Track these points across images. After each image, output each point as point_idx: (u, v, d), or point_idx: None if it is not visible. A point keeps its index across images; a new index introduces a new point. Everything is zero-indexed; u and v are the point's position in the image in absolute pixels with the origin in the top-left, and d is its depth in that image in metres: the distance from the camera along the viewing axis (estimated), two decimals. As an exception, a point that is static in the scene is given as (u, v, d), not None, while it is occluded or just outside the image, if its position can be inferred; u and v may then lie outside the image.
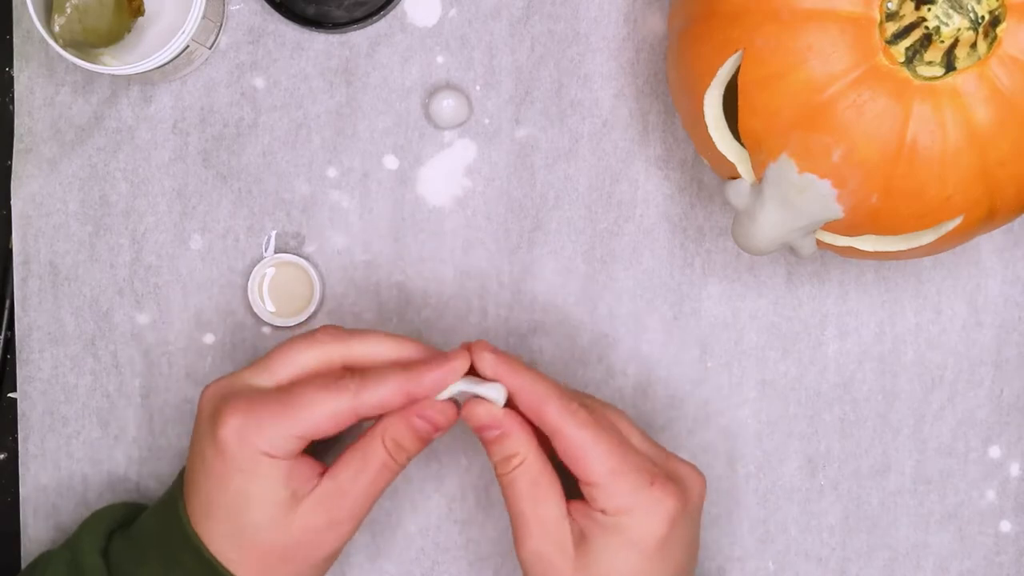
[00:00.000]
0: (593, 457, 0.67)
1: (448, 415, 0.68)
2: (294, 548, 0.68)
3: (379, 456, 0.68)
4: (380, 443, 0.68)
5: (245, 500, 0.67)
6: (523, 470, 0.68)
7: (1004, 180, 0.66)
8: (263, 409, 0.67)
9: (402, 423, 0.68)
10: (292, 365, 0.69)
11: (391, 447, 0.68)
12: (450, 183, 0.80)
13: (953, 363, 0.80)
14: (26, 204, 0.79)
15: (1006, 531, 0.80)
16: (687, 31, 0.69)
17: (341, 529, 0.69)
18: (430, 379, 0.68)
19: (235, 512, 0.68)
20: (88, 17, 0.72)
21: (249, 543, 0.68)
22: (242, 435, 0.67)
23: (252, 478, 0.67)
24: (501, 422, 0.68)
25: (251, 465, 0.67)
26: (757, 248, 0.68)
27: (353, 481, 0.68)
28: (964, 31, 0.63)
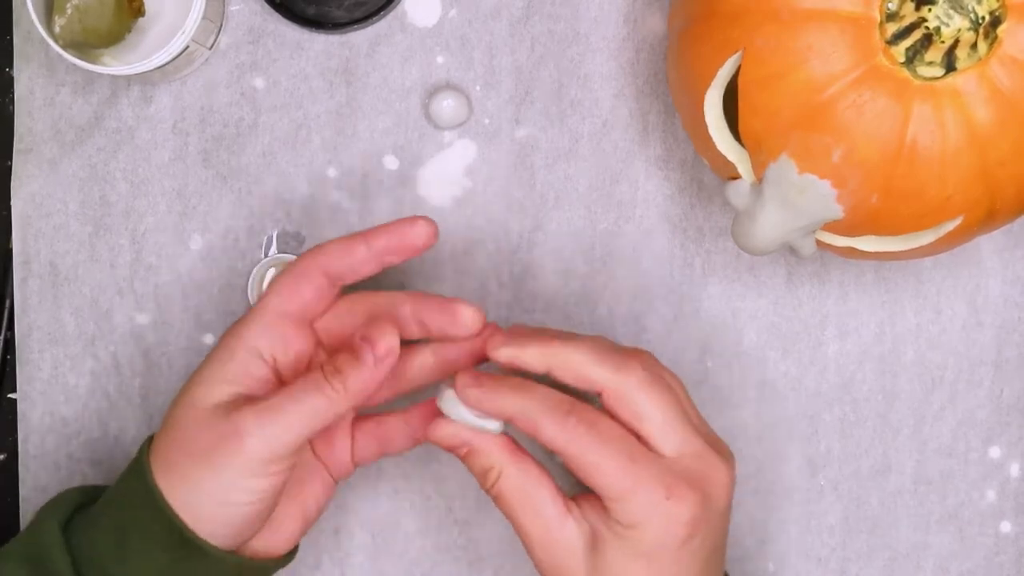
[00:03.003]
0: (601, 476, 0.63)
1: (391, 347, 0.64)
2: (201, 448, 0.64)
3: (314, 375, 0.64)
4: (319, 366, 0.65)
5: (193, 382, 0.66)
6: (504, 482, 0.66)
7: (1004, 180, 0.66)
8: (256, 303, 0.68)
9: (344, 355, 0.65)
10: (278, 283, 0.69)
11: (328, 368, 0.64)
12: (450, 183, 0.80)
13: (953, 363, 0.80)
14: (26, 204, 0.79)
15: (1006, 531, 0.80)
16: (687, 31, 0.69)
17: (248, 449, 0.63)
18: (383, 228, 0.67)
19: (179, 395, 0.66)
20: (88, 17, 0.72)
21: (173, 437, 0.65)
22: (230, 329, 0.67)
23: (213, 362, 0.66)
24: (466, 440, 0.66)
25: (221, 351, 0.66)
26: (757, 248, 0.68)
27: (279, 393, 0.64)
28: (964, 31, 0.63)
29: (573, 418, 0.64)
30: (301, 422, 0.64)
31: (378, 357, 0.64)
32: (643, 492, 0.63)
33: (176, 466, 0.65)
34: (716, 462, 0.66)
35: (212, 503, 0.64)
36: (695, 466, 0.65)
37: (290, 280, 0.67)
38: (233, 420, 0.64)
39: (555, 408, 0.64)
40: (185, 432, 0.65)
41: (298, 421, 0.64)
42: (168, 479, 0.65)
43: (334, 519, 0.80)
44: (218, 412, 0.65)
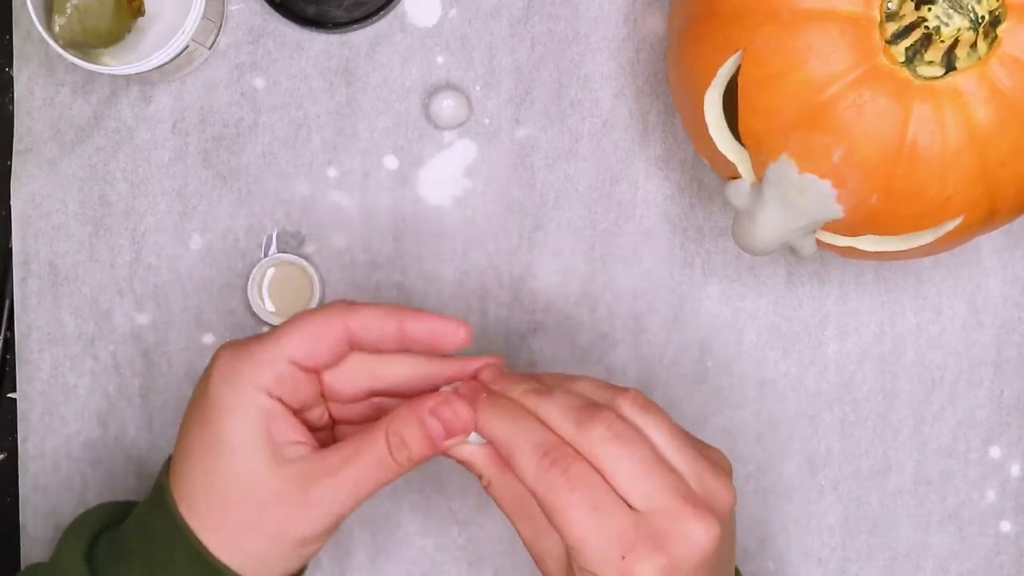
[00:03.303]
0: (562, 521, 0.60)
1: (462, 418, 0.63)
2: (260, 514, 0.63)
3: (377, 446, 0.63)
4: (382, 433, 0.63)
5: (220, 439, 0.63)
6: (494, 489, 0.65)
7: (1004, 180, 0.66)
8: (253, 341, 0.64)
9: (412, 417, 0.63)
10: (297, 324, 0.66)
11: (393, 440, 0.63)
12: (450, 183, 0.80)
13: (953, 363, 0.80)
14: (26, 204, 0.79)
15: (1006, 531, 0.80)
16: (687, 31, 0.69)
17: (314, 514, 0.63)
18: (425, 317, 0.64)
19: (209, 455, 0.63)
20: (88, 17, 0.72)
21: (216, 496, 0.63)
22: (229, 366, 0.63)
23: (232, 414, 0.63)
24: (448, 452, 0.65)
25: (232, 398, 0.63)
26: (757, 248, 0.68)
27: (343, 464, 0.63)
28: (964, 31, 0.63)
29: (548, 460, 0.61)
30: (368, 491, 0.64)
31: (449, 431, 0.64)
32: (599, 547, 0.60)
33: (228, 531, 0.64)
34: (689, 521, 0.61)
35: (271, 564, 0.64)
36: (664, 525, 0.61)
37: (312, 332, 0.64)
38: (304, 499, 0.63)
39: (535, 446, 0.62)
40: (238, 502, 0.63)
41: (366, 492, 0.64)
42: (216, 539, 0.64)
43: (334, 519, 0.80)
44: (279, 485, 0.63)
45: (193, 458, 0.64)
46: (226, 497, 0.63)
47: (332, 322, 0.64)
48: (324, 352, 0.64)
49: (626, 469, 0.61)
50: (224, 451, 0.63)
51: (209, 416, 0.64)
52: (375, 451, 0.63)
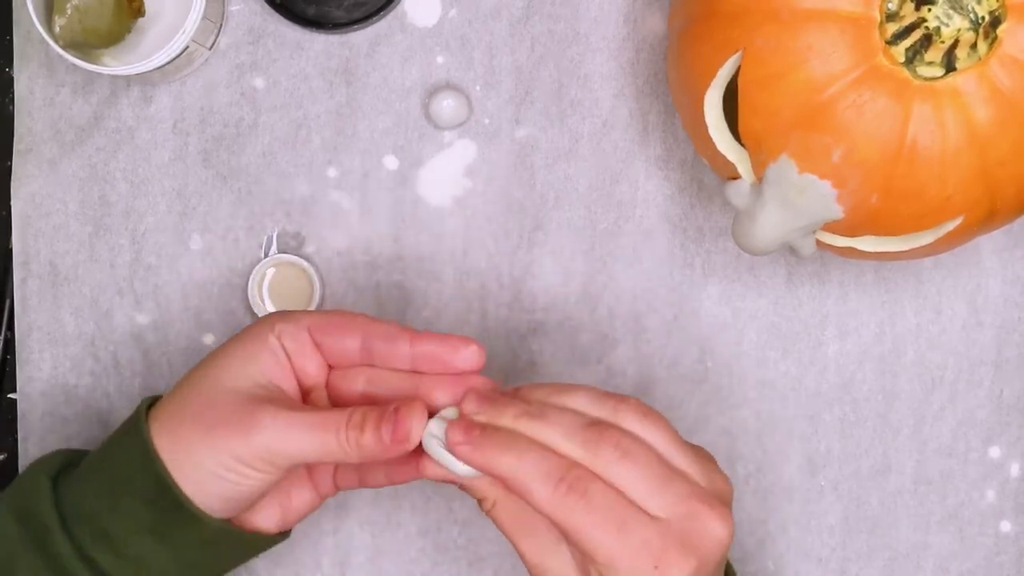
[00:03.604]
0: (589, 543, 0.61)
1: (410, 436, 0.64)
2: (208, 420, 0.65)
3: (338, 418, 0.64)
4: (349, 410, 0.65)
5: (223, 356, 0.66)
6: (498, 512, 0.65)
7: (1004, 180, 0.66)
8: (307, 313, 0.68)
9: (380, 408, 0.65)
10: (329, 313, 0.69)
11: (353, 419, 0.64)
12: (450, 183, 0.80)
13: (953, 363, 0.80)
14: (26, 204, 0.79)
15: (1006, 531, 0.80)
16: (687, 31, 0.69)
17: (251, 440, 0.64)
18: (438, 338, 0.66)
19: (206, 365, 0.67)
20: (88, 18, 0.72)
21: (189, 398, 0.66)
22: (264, 320, 0.67)
23: (246, 345, 0.66)
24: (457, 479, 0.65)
25: (255, 336, 0.67)
26: (757, 248, 0.68)
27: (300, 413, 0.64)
28: (964, 31, 0.63)
29: (564, 485, 0.61)
30: (309, 448, 0.65)
31: (394, 440, 0.64)
32: (630, 563, 0.61)
33: (178, 431, 0.65)
34: (709, 520, 0.62)
35: (203, 472, 0.65)
36: (687, 528, 0.62)
37: (339, 321, 0.67)
38: (253, 408, 0.65)
39: (547, 475, 0.62)
40: (198, 402, 0.66)
41: (307, 446, 0.64)
42: (167, 441, 0.66)
43: (334, 519, 0.80)
44: (239, 396, 0.65)
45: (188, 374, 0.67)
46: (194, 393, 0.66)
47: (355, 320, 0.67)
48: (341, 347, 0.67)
49: (642, 484, 0.62)
50: (220, 361, 0.66)
51: (228, 343, 0.67)
52: (333, 420, 0.65)
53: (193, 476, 0.65)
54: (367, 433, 0.64)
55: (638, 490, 0.62)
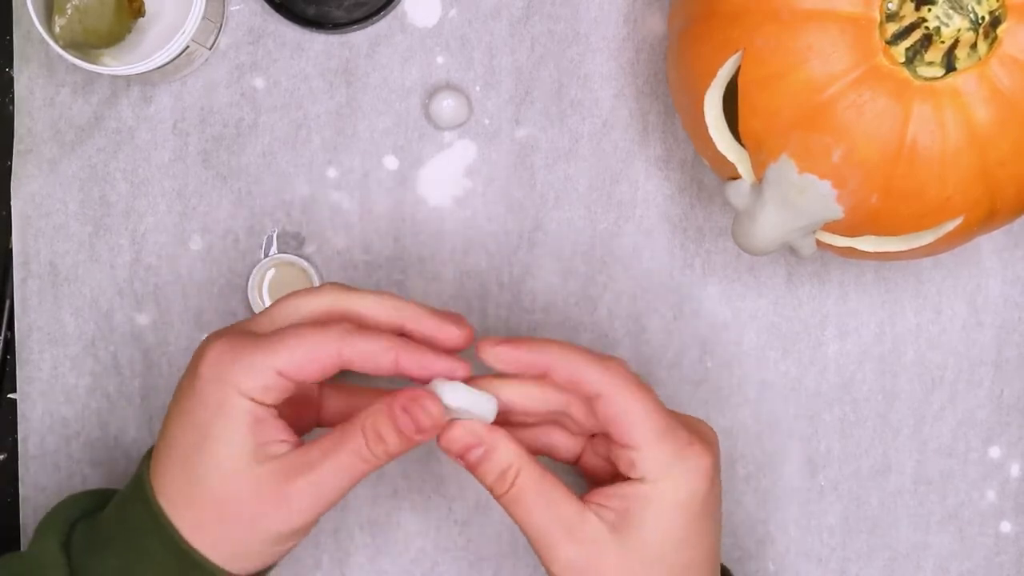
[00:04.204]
0: (638, 420, 0.64)
1: (433, 417, 0.64)
2: (239, 511, 0.64)
3: (355, 441, 0.64)
4: (359, 428, 0.64)
5: (205, 439, 0.63)
6: (523, 480, 0.65)
7: (1004, 180, 0.66)
8: (247, 342, 0.64)
9: (385, 412, 0.64)
10: (294, 314, 0.66)
11: (370, 435, 0.64)
12: (450, 183, 0.80)
13: (953, 363, 0.80)
14: (26, 204, 0.79)
15: (1006, 531, 0.80)
16: (687, 31, 0.69)
17: (294, 507, 0.64)
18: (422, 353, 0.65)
19: (191, 452, 0.64)
20: (88, 18, 0.72)
21: (200, 491, 0.64)
22: (219, 366, 0.64)
23: (218, 415, 0.63)
24: (483, 437, 0.65)
25: (220, 399, 0.63)
26: (757, 248, 0.68)
27: (322, 458, 0.64)
28: (964, 31, 0.63)
29: (613, 364, 0.65)
30: (347, 484, 0.65)
31: (420, 430, 0.64)
32: (672, 438, 0.65)
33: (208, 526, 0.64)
34: (705, 424, 0.68)
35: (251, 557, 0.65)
36: (696, 427, 0.67)
37: (305, 352, 0.64)
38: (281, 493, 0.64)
39: (593, 355, 0.66)
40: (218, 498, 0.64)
41: (345, 486, 0.65)
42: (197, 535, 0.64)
43: (334, 519, 0.80)
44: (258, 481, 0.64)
45: (175, 453, 0.65)
46: (206, 494, 0.64)
47: (329, 348, 0.64)
48: (314, 372, 0.65)
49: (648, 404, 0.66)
50: (207, 449, 0.64)
51: (195, 413, 0.64)
52: (352, 445, 0.64)
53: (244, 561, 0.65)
54: (391, 437, 0.64)
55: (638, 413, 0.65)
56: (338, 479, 0.64)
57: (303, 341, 0.64)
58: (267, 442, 0.64)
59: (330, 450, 0.64)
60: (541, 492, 0.65)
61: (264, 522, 0.64)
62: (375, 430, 0.64)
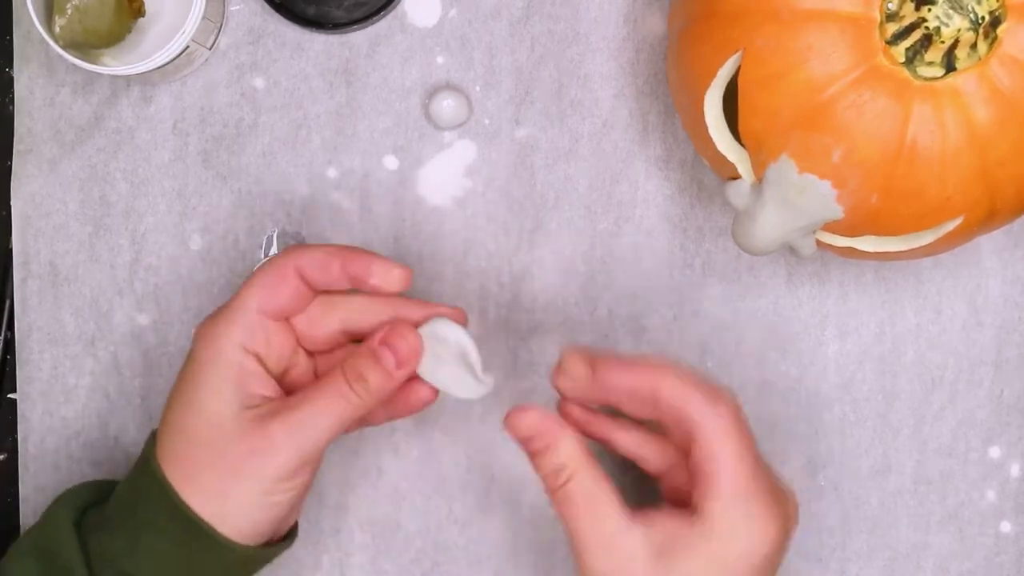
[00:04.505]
0: (726, 475, 0.64)
1: (414, 348, 0.66)
2: (225, 453, 0.65)
3: (336, 382, 0.66)
4: (339, 371, 0.66)
5: (196, 391, 0.66)
6: (575, 485, 0.64)
7: (1004, 180, 0.66)
8: (225, 304, 0.68)
9: (365, 349, 0.66)
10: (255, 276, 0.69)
11: (350, 373, 0.66)
12: (450, 183, 0.80)
13: (953, 363, 0.80)
14: (26, 204, 0.79)
15: (1006, 532, 0.80)
16: (687, 31, 0.69)
17: (274, 448, 0.65)
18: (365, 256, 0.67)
19: (186, 404, 0.66)
20: (88, 18, 0.72)
21: (190, 441, 0.66)
22: (205, 327, 0.67)
23: (209, 367, 0.66)
24: (544, 433, 0.65)
25: (211, 354, 0.66)
26: (757, 248, 0.68)
27: (303, 400, 0.66)
28: (964, 31, 0.63)
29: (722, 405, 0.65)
30: (329, 428, 0.66)
31: (400, 361, 0.67)
32: (753, 500, 0.64)
33: (198, 477, 0.66)
34: (789, 490, 0.68)
35: (242, 510, 0.66)
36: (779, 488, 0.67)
37: (269, 279, 0.68)
38: (263, 433, 0.65)
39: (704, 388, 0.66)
40: (206, 445, 0.66)
41: (327, 428, 0.66)
42: (189, 487, 0.66)
43: (334, 519, 0.80)
44: (241, 424, 0.66)
45: (170, 412, 0.67)
46: (195, 441, 0.66)
47: (285, 266, 0.67)
48: (285, 296, 0.67)
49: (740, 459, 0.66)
50: (197, 398, 0.66)
51: (189, 372, 0.67)
52: (334, 387, 0.66)
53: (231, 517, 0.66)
54: (371, 374, 0.66)
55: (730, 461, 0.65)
56: (319, 420, 0.66)
57: (262, 272, 0.68)
58: (253, 395, 0.66)
59: (311, 392, 0.66)
60: (590, 499, 0.65)
61: (249, 467, 0.65)
62: (356, 370, 0.66)
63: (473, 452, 0.79)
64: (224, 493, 0.66)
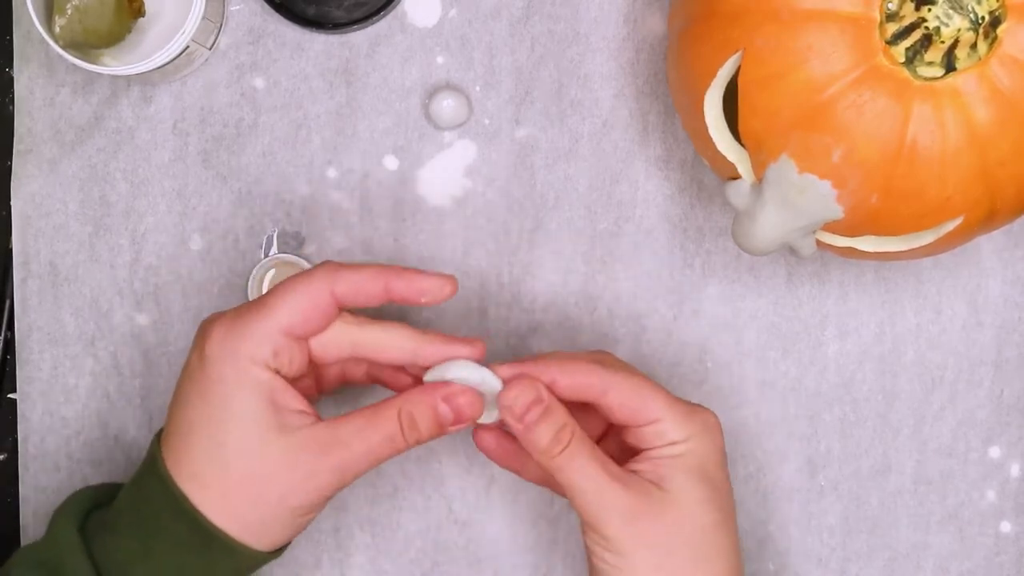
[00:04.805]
0: (648, 397, 0.67)
1: (474, 408, 0.67)
2: (267, 484, 0.65)
3: (390, 424, 0.66)
4: (395, 412, 0.66)
5: (225, 413, 0.64)
6: (578, 440, 0.67)
7: (1004, 180, 0.66)
8: (247, 313, 0.66)
9: (425, 402, 0.66)
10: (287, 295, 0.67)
11: (405, 420, 0.66)
12: (450, 183, 0.80)
13: (953, 363, 0.80)
14: (26, 204, 0.79)
15: (1006, 532, 0.80)
16: (687, 31, 0.69)
17: (321, 482, 0.65)
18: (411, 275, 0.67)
19: (213, 430, 0.64)
20: (88, 18, 0.72)
21: (222, 468, 0.64)
22: (226, 341, 0.65)
23: (235, 388, 0.64)
24: (543, 395, 0.67)
25: (235, 373, 0.64)
26: (757, 248, 0.68)
27: (353, 436, 0.65)
28: (964, 31, 0.63)
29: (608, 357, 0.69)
30: (373, 464, 0.66)
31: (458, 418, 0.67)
32: (680, 405, 0.68)
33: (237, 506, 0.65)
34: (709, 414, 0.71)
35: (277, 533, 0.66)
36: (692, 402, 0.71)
37: (303, 303, 0.66)
38: (314, 469, 0.65)
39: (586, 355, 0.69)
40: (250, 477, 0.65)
41: (369, 464, 0.66)
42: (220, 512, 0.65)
43: (334, 519, 0.80)
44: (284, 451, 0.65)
45: (194, 433, 0.65)
46: (231, 470, 0.65)
47: (321, 288, 0.66)
48: (316, 320, 0.66)
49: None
50: (229, 425, 0.65)
51: (211, 391, 0.65)
52: (387, 428, 0.66)
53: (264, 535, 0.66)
54: (423, 425, 0.66)
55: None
56: (366, 459, 0.66)
57: (295, 291, 0.66)
58: (287, 413, 0.65)
59: (364, 430, 0.65)
60: (593, 451, 0.67)
61: (291, 495, 0.65)
62: (411, 416, 0.66)
63: (473, 452, 0.79)
64: (259, 519, 0.65)
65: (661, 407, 0.68)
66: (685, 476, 0.67)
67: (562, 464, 0.67)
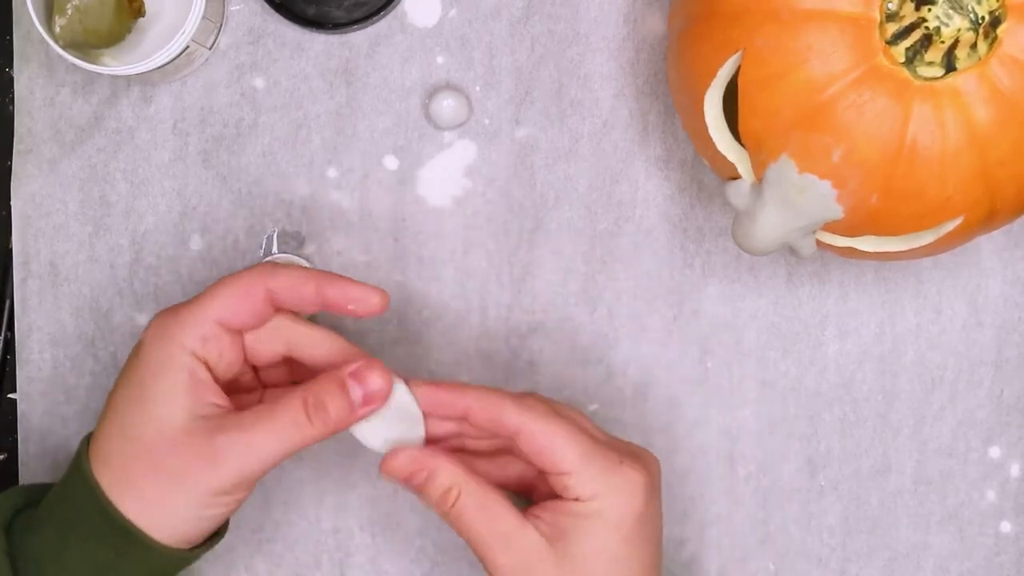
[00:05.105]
0: (560, 446, 0.66)
1: (384, 386, 0.66)
2: (165, 459, 0.64)
3: (294, 409, 0.65)
4: (299, 396, 0.65)
5: (143, 394, 0.65)
6: (464, 498, 0.66)
7: (1004, 180, 0.66)
8: (185, 304, 0.67)
9: (332, 379, 0.66)
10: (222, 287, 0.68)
11: (312, 402, 0.65)
12: (450, 183, 0.80)
13: (953, 363, 0.80)
14: (26, 204, 0.79)
15: (1006, 532, 0.80)
16: (687, 31, 0.69)
17: (218, 465, 0.64)
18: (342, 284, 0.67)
19: (129, 411, 0.65)
20: (88, 18, 0.72)
21: (133, 446, 0.65)
22: (159, 328, 0.66)
23: (158, 369, 0.65)
24: (424, 462, 0.66)
25: (161, 356, 0.65)
26: (757, 248, 0.68)
27: (254, 421, 0.65)
28: (964, 31, 0.63)
29: (530, 399, 0.67)
30: (277, 453, 0.65)
31: (368, 397, 0.66)
32: (599, 458, 0.66)
33: (136, 480, 0.65)
34: (644, 450, 0.70)
35: (176, 519, 0.66)
36: (629, 448, 0.69)
37: (235, 293, 0.67)
38: (209, 445, 0.65)
39: (509, 394, 0.67)
40: (149, 450, 0.65)
41: (274, 452, 0.65)
42: (124, 492, 0.65)
43: (334, 519, 0.80)
44: (189, 432, 0.65)
45: (113, 413, 0.66)
46: (139, 447, 0.65)
47: (255, 284, 0.67)
48: (248, 313, 0.67)
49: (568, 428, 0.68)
50: (145, 401, 0.65)
51: (137, 373, 0.66)
52: (290, 413, 0.65)
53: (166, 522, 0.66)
54: (334, 405, 0.66)
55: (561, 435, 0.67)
56: (269, 443, 0.65)
57: (230, 284, 0.67)
58: (203, 404, 0.66)
59: (264, 414, 0.65)
60: (481, 507, 0.66)
61: (191, 477, 0.65)
62: (319, 398, 0.65)
63: (473, 452, 0.79)
64: (160, 500, 0.65)
65: (572, 459, 0.66)
66: (590, 534, 0.66)
67: (451, 520, 0.67)
